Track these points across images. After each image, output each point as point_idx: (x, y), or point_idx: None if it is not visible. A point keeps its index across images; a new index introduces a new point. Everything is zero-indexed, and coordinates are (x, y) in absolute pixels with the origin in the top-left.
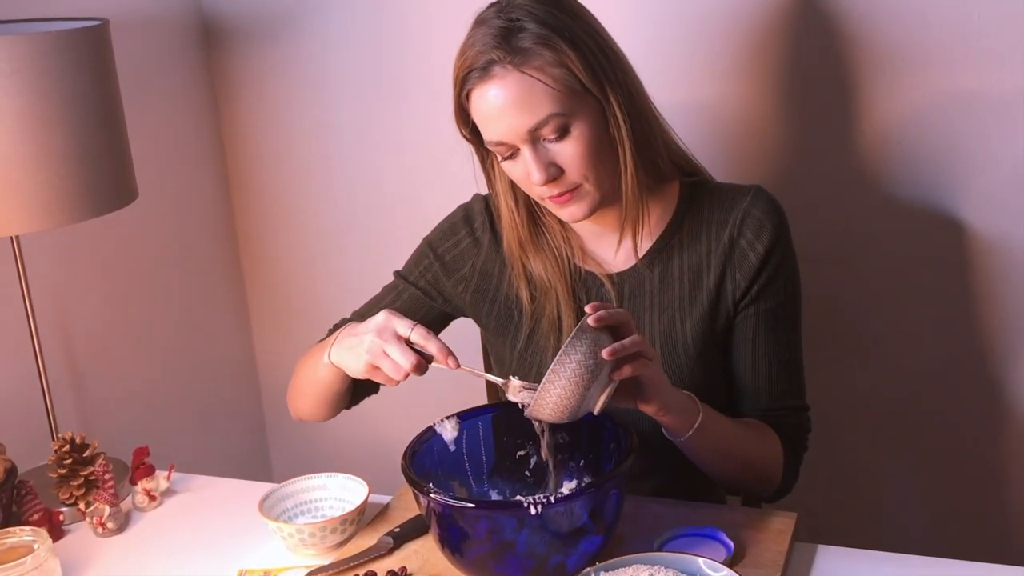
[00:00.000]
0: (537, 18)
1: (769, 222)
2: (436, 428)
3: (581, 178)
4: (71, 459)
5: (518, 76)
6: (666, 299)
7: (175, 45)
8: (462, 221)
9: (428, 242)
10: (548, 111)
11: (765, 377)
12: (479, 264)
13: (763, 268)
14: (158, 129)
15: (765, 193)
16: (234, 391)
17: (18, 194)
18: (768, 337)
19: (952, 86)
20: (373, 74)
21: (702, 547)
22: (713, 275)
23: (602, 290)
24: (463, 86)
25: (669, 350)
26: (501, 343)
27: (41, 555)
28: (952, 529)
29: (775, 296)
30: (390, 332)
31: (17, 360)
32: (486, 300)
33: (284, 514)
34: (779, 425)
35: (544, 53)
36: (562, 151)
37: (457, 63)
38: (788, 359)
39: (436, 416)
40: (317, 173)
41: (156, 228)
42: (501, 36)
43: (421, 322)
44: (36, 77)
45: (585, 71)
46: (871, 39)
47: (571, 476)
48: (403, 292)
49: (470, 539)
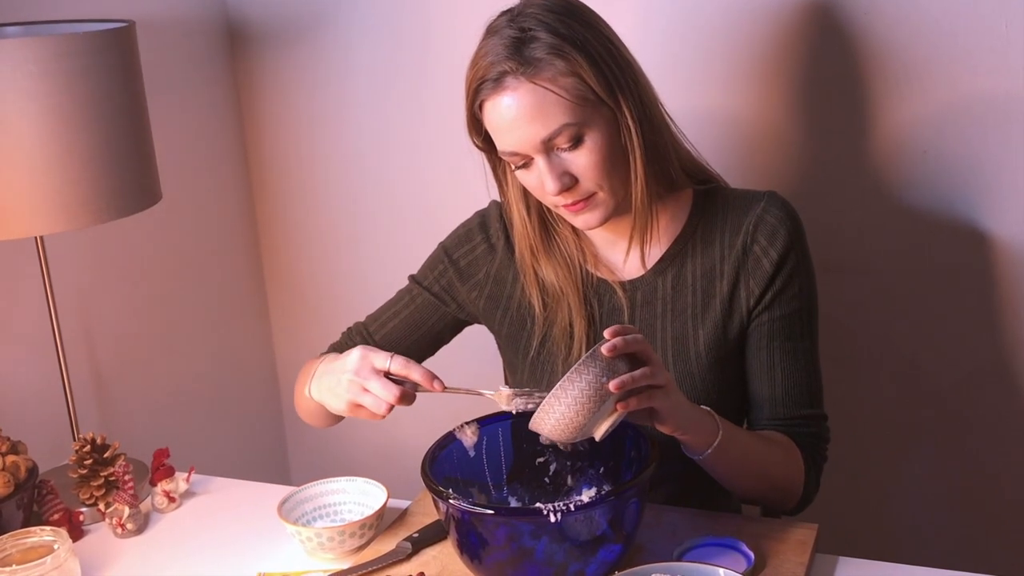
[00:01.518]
0: (549, 27)
1: (783, 228)
2: (456, 434)
3: (596, 186)
4: (92, 460)
5: (531, 87)
6: (678, 306)
7: (200, 47)
8: (478, 227)
9: (443, 247)
10: (561, 121)
11: (781, 385)
12: (493, 271)
13: (777, 274)
14: (182, 131)
15: (779, 198)
16: (254, 394)
17: (43, 195)
18: (783, 344)
19: (978, 95)
20: (396, 78)
21: (722, 557)
22: (726, 282)
23: (614, 297)
24: (475, 97)
25: (681, 358)
26: (513, 351)
27: (61, 555)
28: (976, 542)
29: (790, 303)
30: (368, 368)
31: (40, 360)
32: (499, 307)
33: (303, 518)
34: (796, 435)
35: (556, 63)
36: (576, 160)
37: (469, 74)
38: (804, 366)
39: (456, 421)
40: (339, 176)
41: (179, 230)
42: (513, 47)
43: (434, 328)
44: (62, 78)
45: (598, 80)
46: (894, 47)
47: (590, 483)
48: (417, 297)
49: (489, 546)
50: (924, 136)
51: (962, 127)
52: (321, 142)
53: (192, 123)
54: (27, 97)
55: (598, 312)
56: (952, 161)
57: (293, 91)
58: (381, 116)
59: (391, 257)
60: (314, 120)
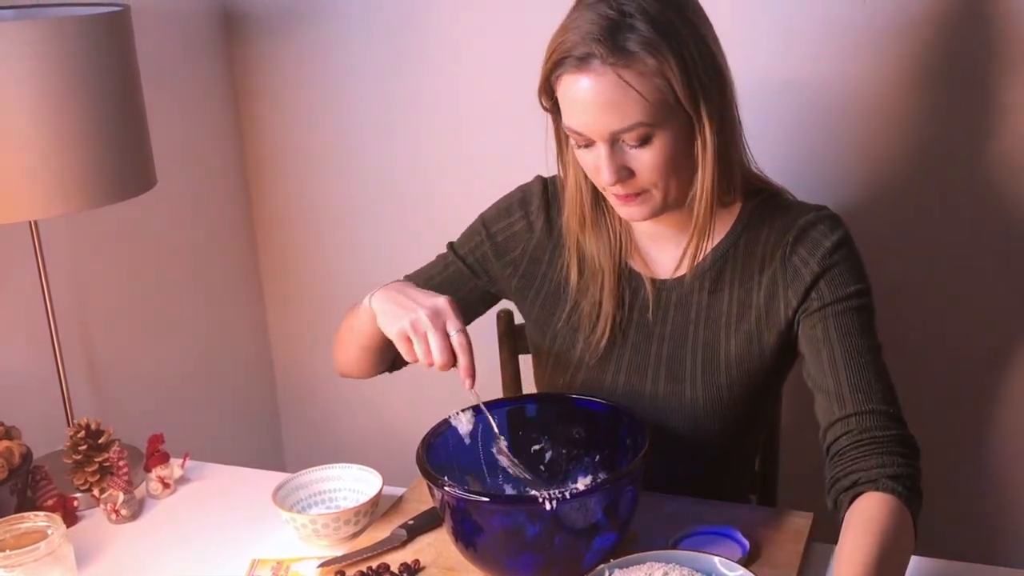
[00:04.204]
0: (649, 17)
1: (831, 240)
2: (452, 421)
3: (651, 185)
4: (86, 445)
5: (614, 78)
6: (713, 314)
7: (196, 33)
8: (518, 203)
9: (483, 220)
10: (636, 120)
11: (847, 380)
12: (530, 249)
13: (816, 283)
14: (177, 116)
15: (827, 212)
16: (249, 379)
17: (37, 179)
18: (842, 343)
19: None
20: (393, 65)
21: (717, 545)
22: (763, 292)
23: (642, 291)
24: (555, 68)
25: (711, 367)
26: (541, 332)
27: (55, 541)
28: (969, 532)
29: (842, 313)
30: (441, 321)
31: (34, 345)
32: (532, 287)
33: (298, 504)
34: (877, 447)
35: (647, 61)
36: (639, 157)
37: (555, 41)
38: (869, 363)
39: (452, 409)
40: (335, 163)
41: (174, 215)
42: (608, 29)
43: (466, 298)
44: (56, 62)
45: (684, 87)
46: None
47: (586, 472)
48: (451, 265)
49: (484, 533)
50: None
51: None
52: (317, 129)
53: (188, 109)
54: (21, 81)
55: (628, 300)
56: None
57: (289, 77)
58: (377, 103)
59: (386, 243)
60: (310, 107)
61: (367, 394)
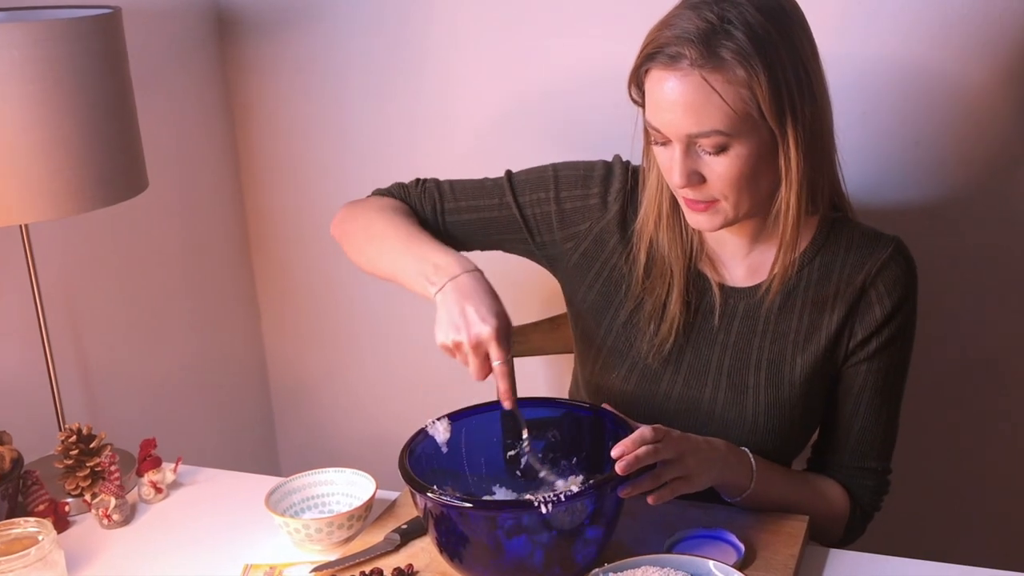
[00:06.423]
0: (749, 29)
1: (905, 280)
2: (428, 430)
3: (720, 195)
4: (77, 450)
5: (700, 81)
6: (781, 329)
7: (188, 35)
8: (600, 178)
9: (556, 177)
10: (714, 126)
11: (856, 435)
12: (597, 229)
13: (885, 325)
14: (170, 119)
15: (906, 249)
16: (242, 384)
17: (27, 182)
18: (872, 398)
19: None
20: (388, 66)
21: (712, 549)
22: (836, 317)
23: (709, 295)
24: (647, 61)
25: (774, 383)
26: (596, 320)
27: (45, 547)
28: (965, 535)
29: (889, 356)
30: (483, 350)
31: (25, 349)
32: (592, 269)
33: (291, 509)
34: (854, 485)
35: (737, 71)
36: (712, 165)
37: (652, 34)
38: (885, 421)
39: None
40: (329, 165)
41: (166, 219)
42: (704, 33)
43: (506, 246)
44: (47, 64)
45: (771, 103)
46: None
47: (564, 475)
48: (505, 207)
49: (471, 540)
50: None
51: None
52: (311, 131)
53: (180, 112)
54: (10, 83)
55: (693, 303)
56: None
57: (283, 79)
58: (371, 104)
59: None
60: (304, 109)
61: (361, 398)
